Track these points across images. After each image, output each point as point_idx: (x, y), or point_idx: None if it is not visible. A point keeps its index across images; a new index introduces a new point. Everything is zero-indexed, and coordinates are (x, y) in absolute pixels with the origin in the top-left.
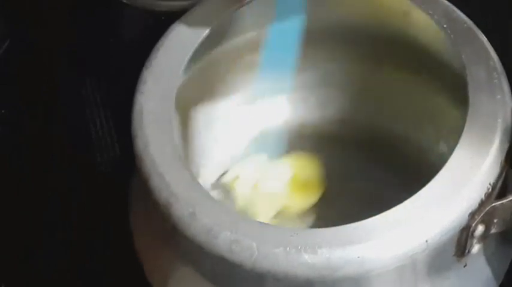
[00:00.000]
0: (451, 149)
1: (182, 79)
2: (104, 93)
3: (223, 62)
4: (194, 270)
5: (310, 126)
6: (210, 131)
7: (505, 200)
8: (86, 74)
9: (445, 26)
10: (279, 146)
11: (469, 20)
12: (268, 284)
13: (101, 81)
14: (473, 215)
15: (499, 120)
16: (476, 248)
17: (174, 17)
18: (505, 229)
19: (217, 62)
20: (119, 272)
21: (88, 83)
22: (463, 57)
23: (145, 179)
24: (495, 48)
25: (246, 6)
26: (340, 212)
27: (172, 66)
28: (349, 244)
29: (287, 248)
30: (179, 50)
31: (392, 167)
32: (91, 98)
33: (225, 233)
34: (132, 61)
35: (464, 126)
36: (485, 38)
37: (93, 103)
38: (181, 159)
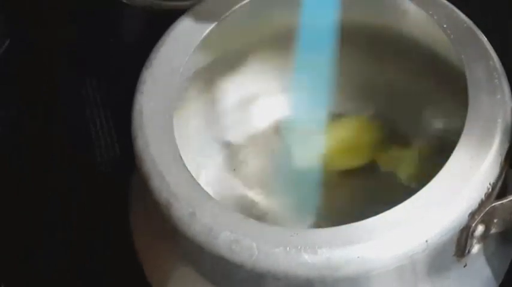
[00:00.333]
0: (451, 149)
1: (182, 79)
2: (104, 93)
3: (223, 61)
4: (194, 270)
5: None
6: (210, 131)
7: (505, 200)
8: (86, 74)
9: (445, 26)
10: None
11: (469, 20)
12: (268, 284)
13: (101, 81)
14: (473, 215)
15: (499, 120)
16: (476, 248)
17: (174, 17)
18: (505, 229)
19: (217, 62)
20: (118, 272)
21: (88, 83)
22: (463, 57)
23: (146, 179)
24: (495, 48)
25: (246, 5)
26: (340, 212)
27: (172, 66)
28: (349, 243)
29: (287, 248)
30: (179, 50)
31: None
32: (91, 98)
33: (225, 233)
34: (132, 61)
35: (464, 126)
36: (485, 38)
37: (93, 103)
38: (181, 159)
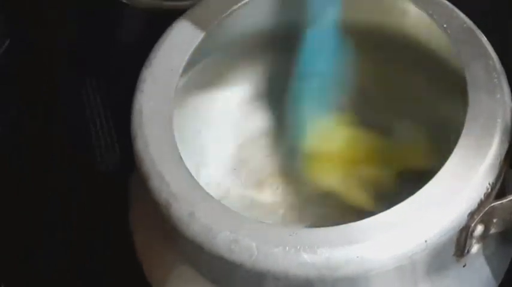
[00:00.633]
0: (451, 149)
1: (182, 79)
2: (104, 93)
3: (223, 61)
4: (194, 270)
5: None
6: (210, 131)
7: (505, 200)
8: (86, 74)
9: (445, 26)
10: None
11: (469, 20)
12: (267, 284)
13: (100, 81)
14: (472, 215)
15: (499, 120)
16: (475, 248)
17: (174, 17)
18: (504, 229)
19: (217, 61)
20: (118, 272)
21: (88, 83)
22: (463, 57)
23: (145, 179)
24: (495, 48)
25: (246, 5)
26: (339, 211)
27: (172, 66)
28: (348, 243)
29: (286, 248)
30: (179, 50)
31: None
32: (91, 98)
33: (224, 233)
34: (132, 61)
35: (464, 126)
36: (485, 38)
37: (93, 103)
38: (181, 159)
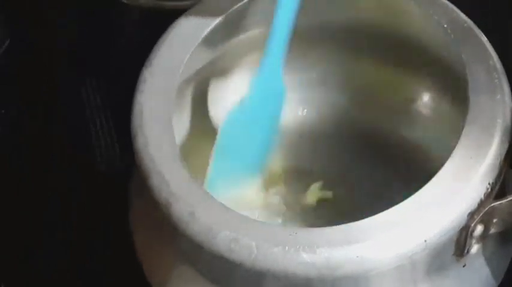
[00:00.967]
0: (451, 149)
1: (182, 78)
2: (104, 93)
3: (223, 61)
4: (194, 269)
5: (310, 125)
6: (210, 131)
7: (504, 200)
8: (86, 74)
9: (445, 26)
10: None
11: (469, 20)
12: (267, 283)
13: (100, 81)
14: (472, 215)
15: (499, 120)
16: (475, 248)
17: (174, 16)
18: (504, 229)
19: (217, 61)
20: (118, 272)
21: (88, 83)
22: (463, 57)
23: (145, 179)
24: (495, 48)
25: (246, 5)
26: (339, 211)
27: (172, 66)
28: (348, 243)
29: (286, 248)
30: (179, 49)
31: (392, 167)
32: (91, 98)
33: (224, 233)
34: (132, 61)
35: (464, 126)
36: (485, 38)
37: (93, 103)
38: (181, 159)
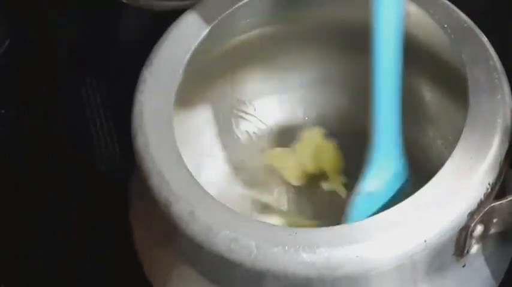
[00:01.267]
0: (451, 149)
1: (182, 78)
2: (104, 93)
3: (223, 61)
4: (194, 269)
5: (310, 125)
6: (210, 130)
7: (504, 201)
8: (86, 74)
9: (445, 26)
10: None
11: (469, 20)
12: (267, 283)
13: (100, 81)
14: (472, 215)
15: (499, 120)
16: (475, 248)
17: (174, 17)
18: (504, 229)
19: (218, 61)
20: (118, 272)
21: (88, 83)
22: (463, 57)
23: (145, 178)
24: (495, 48)
25: (246, 5)
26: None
27: (172, 65)
28: (348, 243)
29: (286, 247)
30: (179, 49)
31: None
32: (91, 98)
33: (224, 232)
34: (132, 61)
35: (464, 126)
36: (485, 38)
37: (93, 103)
38: (181, 158)
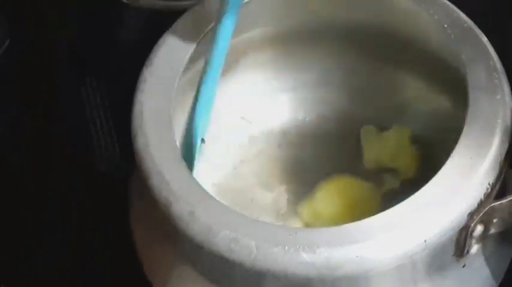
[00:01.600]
0: (451, 149)
1: (182, 78)
2: (104, 93)
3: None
4: (194, 269)
5: (310, 125)
6: (210, 130)
7: (504, 201)
8: (86, 74)
9: (445, 26)
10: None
11: (469, 20)
12: (267, 283)
13: (100, 81)
14: (472, 215)
15: (499, 120)
16: (475, 248)
17: (174, 17)
18: (504, 229)
19: None
20: (119, 272)
21: (88, 83)
22: (463, 57)
23: (145, 178)
24: (495, 48)
25: (246, 5)
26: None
27: (173, 65)
28: (348, 243)
29: (286, 247)
30: (179, 49)
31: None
32: (91, 98)
33: (224, 232)
34: (132, 61)
35: (464, 126)
36: (485, 38)
37: (93, 103)
38: (181, 158)
